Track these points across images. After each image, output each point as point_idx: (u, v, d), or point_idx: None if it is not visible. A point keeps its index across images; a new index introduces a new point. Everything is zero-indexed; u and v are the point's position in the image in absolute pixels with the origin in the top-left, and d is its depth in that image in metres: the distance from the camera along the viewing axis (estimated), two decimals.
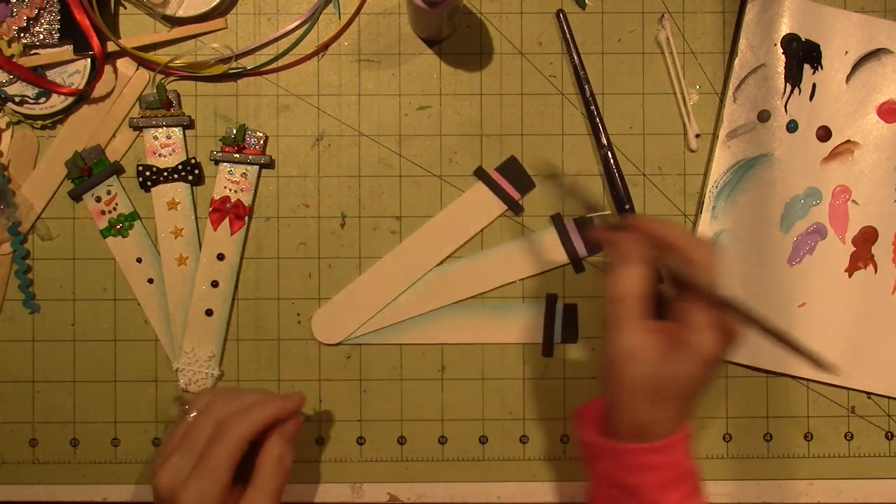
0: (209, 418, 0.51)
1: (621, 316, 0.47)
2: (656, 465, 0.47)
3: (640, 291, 0.47)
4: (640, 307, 0.47)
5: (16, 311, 0.60)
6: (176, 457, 0.49)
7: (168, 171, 0.59)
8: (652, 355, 0.46)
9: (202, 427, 0.50)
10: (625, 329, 0.47)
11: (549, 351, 0.60)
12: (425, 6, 0.52)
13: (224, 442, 0.49)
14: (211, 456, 0.49)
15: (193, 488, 0.48)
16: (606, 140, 0.60)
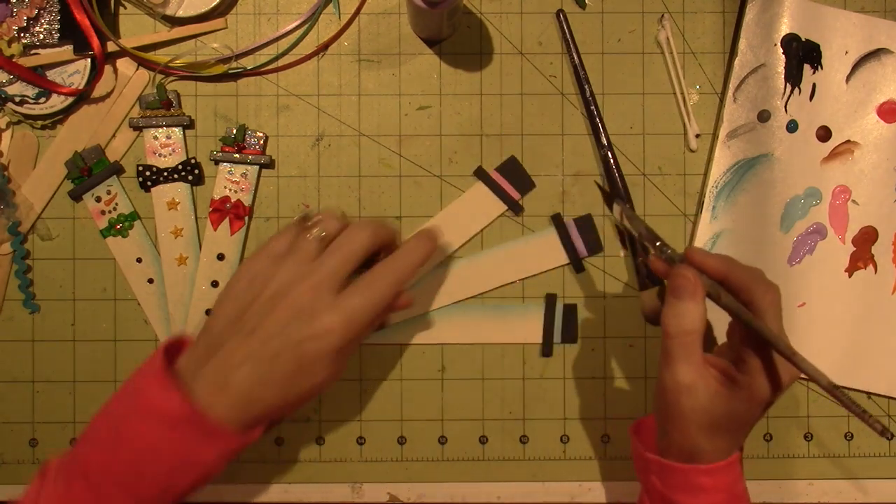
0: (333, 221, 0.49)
1: (678, 352, 0.47)
2: (706, 487, 0.48)
3: (698, 328, 0.47)
4: (697, 343, 0.47)
5: (16, 311, 0.60)
6: (292, 258, 0.47)
7: (168, 171, 0.59)
8: (706, 392, 0.46)
9: (327, 227, 0.48)
10: (681, 365, 0.47)
11: (549, 351, 0.60)
12: (425, 6, 0.52)
13: (352, 242, 0.47)
14: (371, 289, 0.47)
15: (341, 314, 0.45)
16: (607, 140, 0.60)
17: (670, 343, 0.47)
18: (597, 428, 0.61)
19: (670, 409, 0.48)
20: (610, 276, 0.60)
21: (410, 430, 0.60)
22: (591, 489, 0.61)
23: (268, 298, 0.46)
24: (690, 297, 0.47)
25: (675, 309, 0.48)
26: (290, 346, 0.45)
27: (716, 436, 0.48)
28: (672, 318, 0.48)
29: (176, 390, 0.44)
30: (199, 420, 0.45)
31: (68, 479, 0.46)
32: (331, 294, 0.46)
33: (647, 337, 0.61)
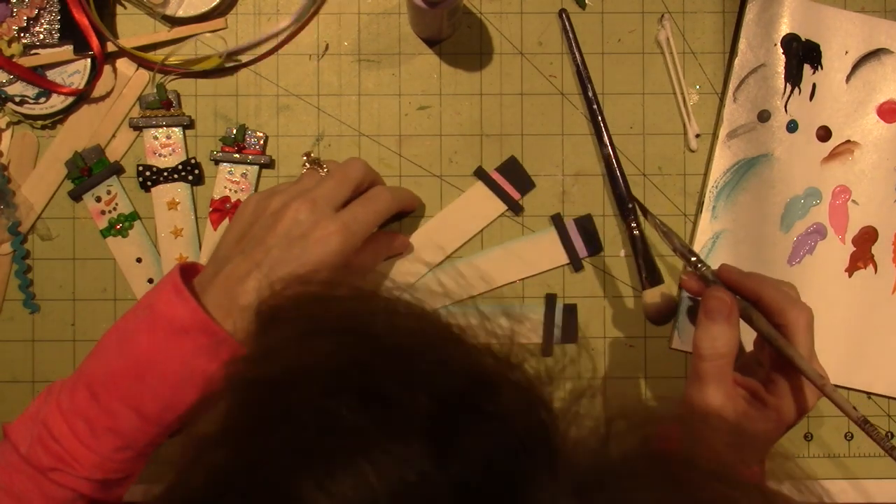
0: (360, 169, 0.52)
1: (710, 375, 0.47)
2: None
3: (731, 352, 0.47)
4: (729, 366, 0.47)
5: (16, 311, 0.60)
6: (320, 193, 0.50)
7: (168, 171, 0.59)
8: (733, 413, 0.47)
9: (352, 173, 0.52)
10: (710, 387, 0.47)
11: (549, 351, 0.60)
12: (425, 6, 0.52)
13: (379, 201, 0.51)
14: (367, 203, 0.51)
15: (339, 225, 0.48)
16: (608, 140, 0.60)
17: (703, 365, 0.47)
18: None
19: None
20: (610, 276, 0.60)
21: None
22: None
23: (269, 216, 0.49)
24: (725, 320, 0.47)
25: (709, 331, 0.47)
26: (291, 255, 0.47)
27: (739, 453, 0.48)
28: (706, 341, 0.47)
29: (190, 299, 0.46)
30: (211, 328, 0.46)
31: (72, 392, 0.47)
32: (328, 209, 0.49)
33: (648, 337, 0.61)
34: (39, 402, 0.48)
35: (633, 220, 0.59)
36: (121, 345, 0.47)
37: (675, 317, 0.60)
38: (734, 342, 0.47)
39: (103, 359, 0.47)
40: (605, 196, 0.60)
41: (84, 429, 0.46)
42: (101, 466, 0.47)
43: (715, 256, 0.60)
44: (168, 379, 0.46)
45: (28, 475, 0.46)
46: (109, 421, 0.46)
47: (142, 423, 0.47)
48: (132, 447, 0.48)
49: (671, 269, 0.60)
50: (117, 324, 0.49)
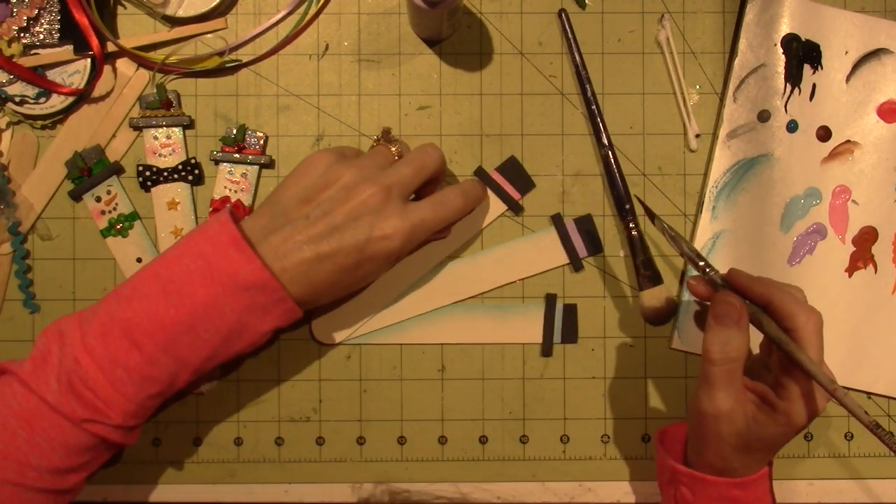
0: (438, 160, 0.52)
1: (720, 379, 0.47)
2: (739, 499, 0.49)
3: (742, 356, 0.47)
4: (739, 371, 0.47)
5: (16, 311, 0.60)
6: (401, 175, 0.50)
7: (168, 171, 0.59)
8: (743, 418, 0.47)
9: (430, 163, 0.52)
10: (722, 392, 0.47)
11: (549, 351, 0.60)
12: (425, 6, 0.52)
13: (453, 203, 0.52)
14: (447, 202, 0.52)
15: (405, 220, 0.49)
16: (607, 140, 0.60)
17: (713, 370, 0.47)
18: (597, 428, 0.61)
19: (707, 433, 0.48)
20: (610, 276, 0.61)
21: (410, 430, 0.60)
22: (591, 489, 0.61)
23: (341, 188, 0.49)
24: (735, 325, 0.47)
25: (718, 335, 0.48)
26: (354, 241, 0.48)
27: (749, 455, 0.48)
28: (716, 345, 0.47)
29: (254, 258, 0.46)
30: (273, 286, 0.46)
31: (105, 338, 0.46)
32: (401, 201, 0.49)
33: (647, 337, 0.61)
34: (51, 346, 0.47)
35: (632, 220, 0.59)
36: (169, 294, 0.46)
37: (675, 317, 0.60)
38: (744, 347, 0.48)
39: (145, 305, 0.46)
40: (605, 196, 0.60)
41: (123, 377, 0.46)
42: (135, 414, 0.47)
43: (715, 256, 0.60)
44: (219, 331, 0.46)
45: (56, 424, 0.46)
46: (150, 369, 0.46)
47: (183, 370, 0.47)
48: (166, 393, 0.48)
49: (670, 270, 0.60)
50: (156, 269, 0.48)
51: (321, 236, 0.48)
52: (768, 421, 0.47)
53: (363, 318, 0.60)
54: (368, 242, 0.48)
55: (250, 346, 0.49)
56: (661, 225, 0.53)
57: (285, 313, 0.49)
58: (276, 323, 0.49)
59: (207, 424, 0.60)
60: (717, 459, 0.49)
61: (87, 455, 0.47)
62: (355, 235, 0.48)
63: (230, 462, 0.60)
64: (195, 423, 0.60)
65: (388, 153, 0.53)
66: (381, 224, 0.48)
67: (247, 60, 0.60)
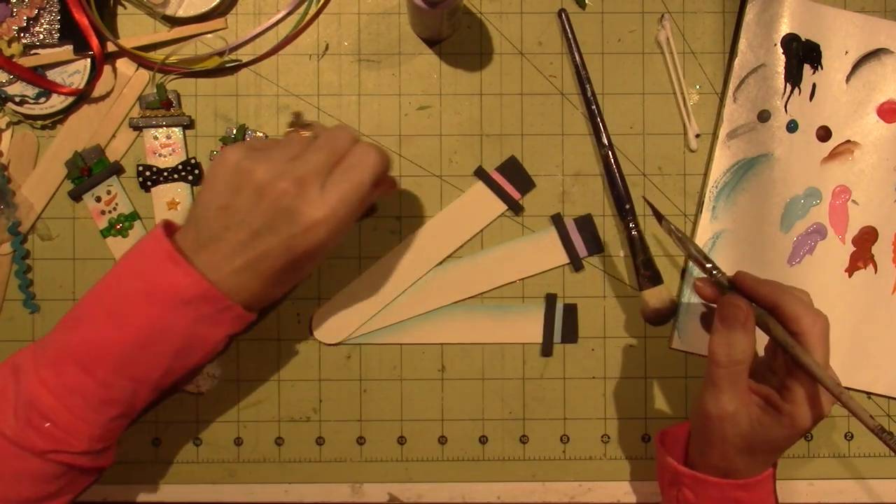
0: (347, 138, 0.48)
1: (725, 381, 0.47)
2: (741, 500, 0.49)
3: (747, 358, 0.47)
4: (744, 373, 0.47)
5: (16, 311, 0.60)
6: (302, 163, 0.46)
7: (168, 171, 0.59)
8: (748, 420, 0.47)
9: (339, 142, 0.47)
10: (727, 394, 0.47)
11: (549, 351, 0.60)
12: (425, 6, 0.52)
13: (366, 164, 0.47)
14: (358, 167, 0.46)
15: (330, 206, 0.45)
16: (607, 140, 0.60)
17: (718, 372, 0.47)
18: (597, 428, 0.61)
19: (711, 435, 0.48)
20: (610, 276, 0.60)
21: (410, 430, 0.60)
22: (591, 489, 0.61)
23: (253, 189, 0.46)
24: (741, 327, 0.47)
25: (725, 338, 0.47)
26: (278, 242, 0.45)
27: (753, 457, 0.48)
28: (722, 347, 0.47)
29: (191, 268, 0.45)
30: (215, 295, 0.45)
31: (57, 367, 0.45)
32: (316, 188, 0.46)
33: (647, 337, 0.61)
34: (7, 380, 0.46)
35: (632, 220, 0.59)
36: (113, 317, 0.46)
37: (675, 317, 0.60)
38: (750, 349, 0.48)
39: (92, 331, 0.46)
40: (605, 196, 0.60)
41: (81, 404, 0.45)
42: (101, 438, 0.47)
43: (715, 256, 0.60)
44: (170, 348, 0.46)
45: (19, 457, 0.45)
46: (107, 393, 0.46)
47: (141, 389, 0.47)
48: (129, 413, 0.48)
49: (670, 270, 0.60)
50: (98, 293, 0.47)
51: (245, 244, 0.46)
52: (773, 423, 0.47)
53: (363, 318, 0.60)
54: (293, 239, 0.46)
55: (207, 355, 0.48)
56: (668, 226, 0.53)
57: (235, 320, 0.48)
58: (228, 331, 0.48)
59: (207, 424, 0.60)
60: (721, 461, 0.49)
61: (59, 482, 0.47)
62: (277, 236, 0.46)
63: (230, 462, 0.60)
64: (195, 423, 0.60)
65: (301, 140, 0.49)
66: (300, 218, 0.45)
67: (247, 60, 0.60)
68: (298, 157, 0.47)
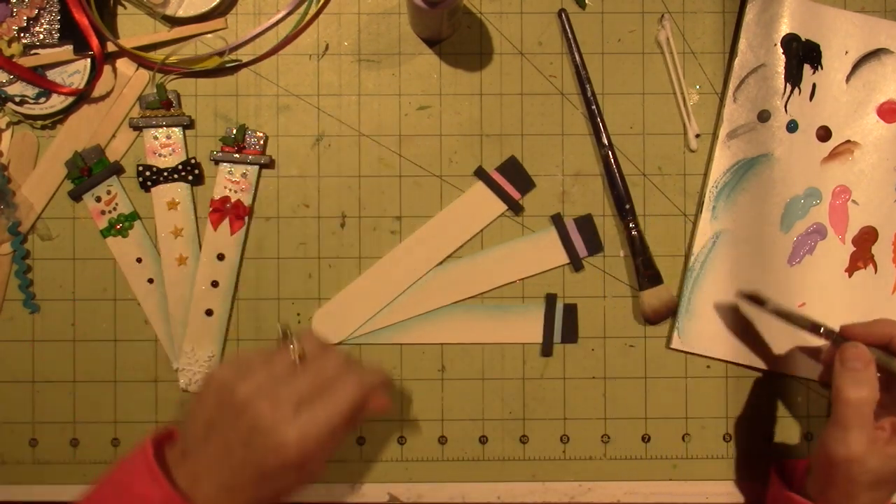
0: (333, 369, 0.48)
1: (853, 420, 0.49)
2: None
3: (871, 397, 0.50)
4: (870, 412, 0.50)
5: (16, 311, 0.60)
6: (288, 391, 0.47)
7: (168, 171, 0.59)
8: (877, 458, 0.49)
9: (325, 373, 0.48)
10: (853, 435, 0.49)
11: (549, 351, 0.60)
12: (425, 6, 0.52)
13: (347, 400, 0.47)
14: (332, 403, 0.47)
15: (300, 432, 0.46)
16: (607, 140, 0.60)
17: (846, 411, 0.49)
18: (597, 428, 0.61)
19: (837, 477, 0.50)
20: (610, 276, 0.60)
21: (410, 430, 0.60)
22: (591, 489, 0.61)
23: (234, 407, 0.47)
24: (865, 368, 0.50)
25: (850, 378, 0.50)
26: (250, 459, 0.46)
27: (879, 490, 0.50)
28: (849, 387, 0.50)
29: (165, 480, 0.46)
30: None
31: None
32: (291, 409, 0.46)
33: (647, 337, 0.61)
34: None
35: (632, 220, 0.59)
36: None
37: (674, 317, 0.60)
38: (875, 388, 0.50)
39: None
40: (605, 196, 0.60)
41: None
42: None
43: (715, 256, 0.60)
44: None
45: None
46: None
47: None
48: None
49: (670, 270, 0.60)
50: (91, 499, 0.48)
51: (222, 458, 0.47)
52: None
53: (363, 318, 0.60)
54: (265, 457, 0.46)
55: None
56: (773, 307, 0.56)
57: None
58: None
59: None
60: (844, 499, 0.50)
61: None
62: (252, 453, 0.46)
63: None
64: None
65: (289, 359, 0.50)
66: (272, 437, 0.46)
67: (247, 60, 0.60)
68: (282, 379, 0.48)
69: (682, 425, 0.61)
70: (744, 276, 0.60)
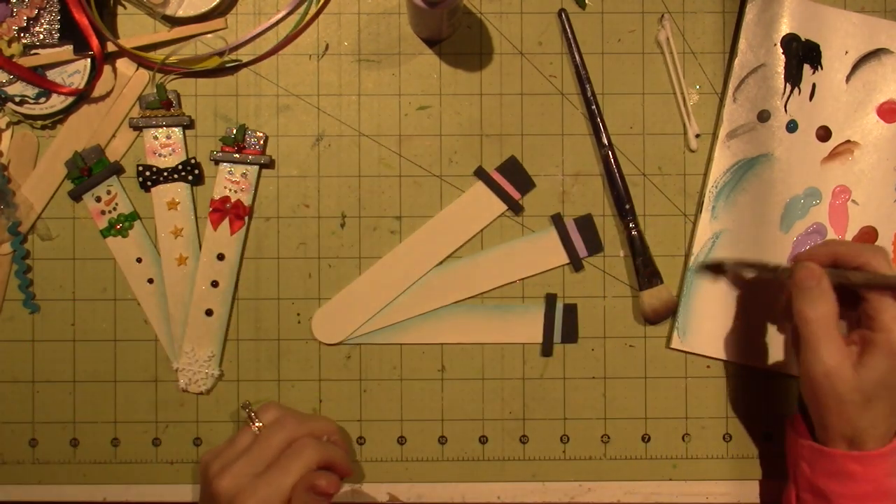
0: (283, 432, 0.52)
1: (818, 336, 0.49)
2: (856, 475, 0.49)
3: (830, 312, 0.49)
4: (833, 325, 0.49)
5: (16, 311, 0.60)
6: (243, 463, 0.51)
7: (168, 171, 0.59)
8: (851, 366, 0.48)
9: (274, 439, 0.52)
10: (823, 349, 0.49)
11: (549, 351, 0.60)
12: (425, 6, 0.52)
13: (299, 459, 0.51)
14: (283, 469, 0.50)
15: (261, 495, 0.50)
16: (607, 140, 0.60)
17: (810, 328, 0.49)
18: (597, 428, 0.61)
19: (824, 397, 0.49)
20: (610, 276, 0.61)
21: (410, 430, 0.60)
22: (591, 489, 0.61)
23: (207, 491, 0.52)
24: (818, 285, 0.50)
25: (807, 297, 0.50)
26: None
27: (872, 409, 0.48)
28: (807, 306, 0.49)
29: None
30: None
31: None
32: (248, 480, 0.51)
33: (647, 337, 0.61)
34: None
35: (632, 220, 0.59)
36: None
37: (674, 317, 0.60)
38: (833, 302, 0.49)
39: None
40: (605, 196, 0.60)
41: None
42: None
43: (715, 256, 0.60)
44: None
45: None
46: None
47: None
48: None
49: (670, 270, 0.60)
50: None
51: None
52: (875, 359, 0.48)
53: (363, 318, 0.60)
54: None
55: None
56: (730, 266, 0.57)
57: None
58: None
59: (207, 425, 0.60)
60: (843, 424, 0.49)
61: None
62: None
63: None
64: (195, 423, 0.60)
65: (249, 434, 0.53)
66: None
67: (247, 60, 0.60)
68: (242, 454, 0.52)
69: (681, 425, 0.61)
70: (744, 275, 0.60)
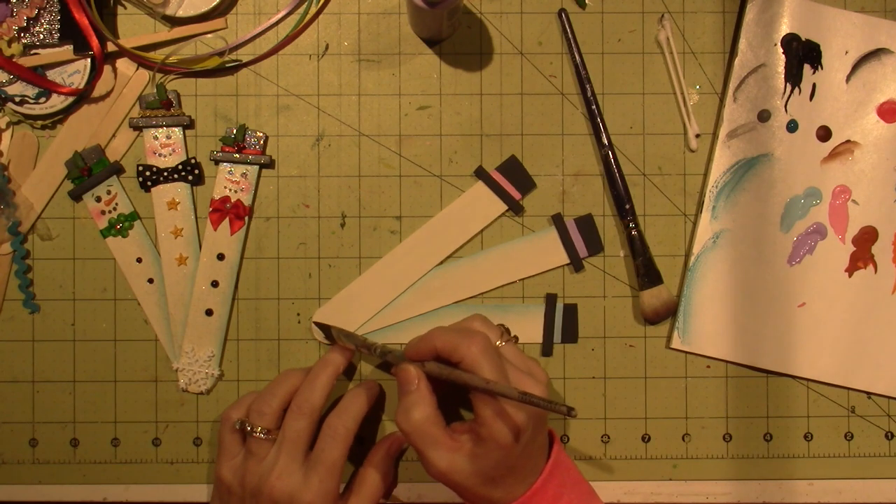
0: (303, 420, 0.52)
1: (424, 442, 0.50)
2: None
3: (429, 414, 0.50)
4: (432, 429, 0.50)
5: (16, 311, 0.60)
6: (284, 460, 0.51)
7: (168, 171, 0.59)
8: (465, 461, 0.49)
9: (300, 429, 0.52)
10: (432, 454, 0.49)
11: (549, 351, 0.60)
12: (425, 6, 0.52)
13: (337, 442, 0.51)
14: (325, 457, 0.51)
15: (316, 489, 0.50)
16: (607, 140, 0.60)
17: (415, 435, 0.50)
18: (597, 428, 0.61)
19: (454, 486, 0.50)
20: (610, 276, 0.61)
21: None
22: None
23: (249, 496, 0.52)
24: (416, 390, 0.50)
25: (402, 405, 0.50)
26: None
27: (499, 485, 0.50)
28: (401, 415, 0.50)
29: None
30: None
31: None
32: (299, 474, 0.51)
33: (647, 337, 0.61)
34: None
35: (632, 220, 0.59)
36: None
37: (675, 317, 0.60)
38: (429, 405, 0.50)
39: None
40: (605, 196, 0.61)
41: None
42: None
43: (715, 256, 0.60)
44: None
45: None
46: None
47: None
48: None
49: (670, 270, 0.60)
50: None
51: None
52: (484, 452, 0.49)
53: (363, 318, 0.60)
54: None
55: None
56: (337, 332, 0.56)
57: None
58: None
59: (207, 424, 0.60)
60: (482, 499, 0.50)
61: None
62: None
63: None
64: (195, 423, 0.60)
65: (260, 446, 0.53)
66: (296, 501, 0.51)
67: (247, 60, 0.60)
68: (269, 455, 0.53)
69: (681, 425, 0.61)
70: (743, 276, 0.60)
